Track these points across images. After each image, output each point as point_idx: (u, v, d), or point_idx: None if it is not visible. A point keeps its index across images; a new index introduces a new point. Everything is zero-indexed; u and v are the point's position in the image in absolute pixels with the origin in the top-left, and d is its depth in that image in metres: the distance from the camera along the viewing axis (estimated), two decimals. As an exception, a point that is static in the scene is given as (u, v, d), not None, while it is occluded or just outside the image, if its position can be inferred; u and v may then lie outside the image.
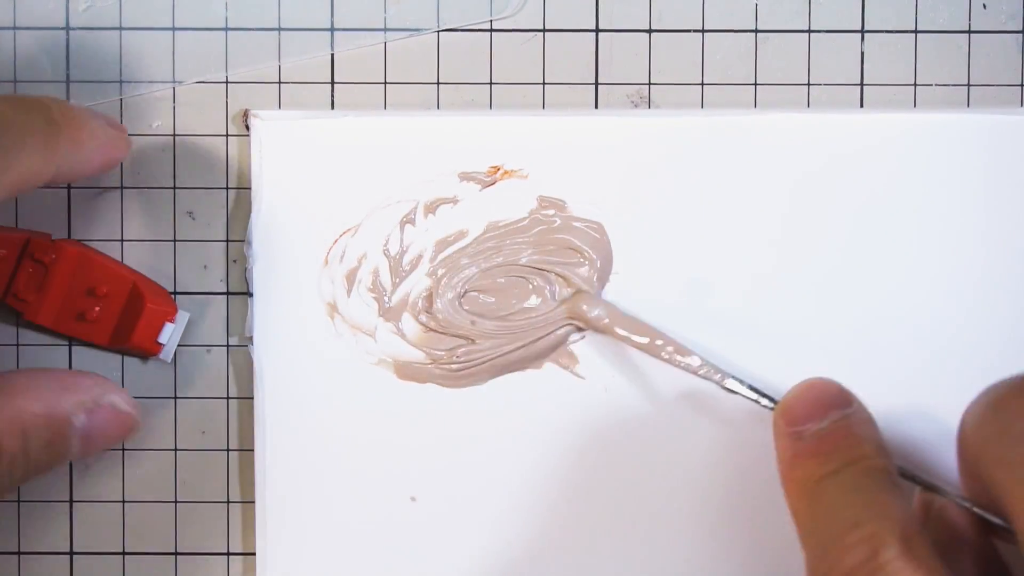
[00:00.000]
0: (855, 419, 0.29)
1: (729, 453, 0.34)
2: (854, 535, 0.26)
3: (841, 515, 0.26)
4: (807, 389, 0.30)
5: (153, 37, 0.34)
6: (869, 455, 0.28)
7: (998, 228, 0.33)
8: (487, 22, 0.34)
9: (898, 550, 0.25)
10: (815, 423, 0.29)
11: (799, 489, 0.28)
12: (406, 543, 0.34)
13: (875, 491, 0.27)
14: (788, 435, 0.29)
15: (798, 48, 0.34)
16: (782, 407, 0.30)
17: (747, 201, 0.34)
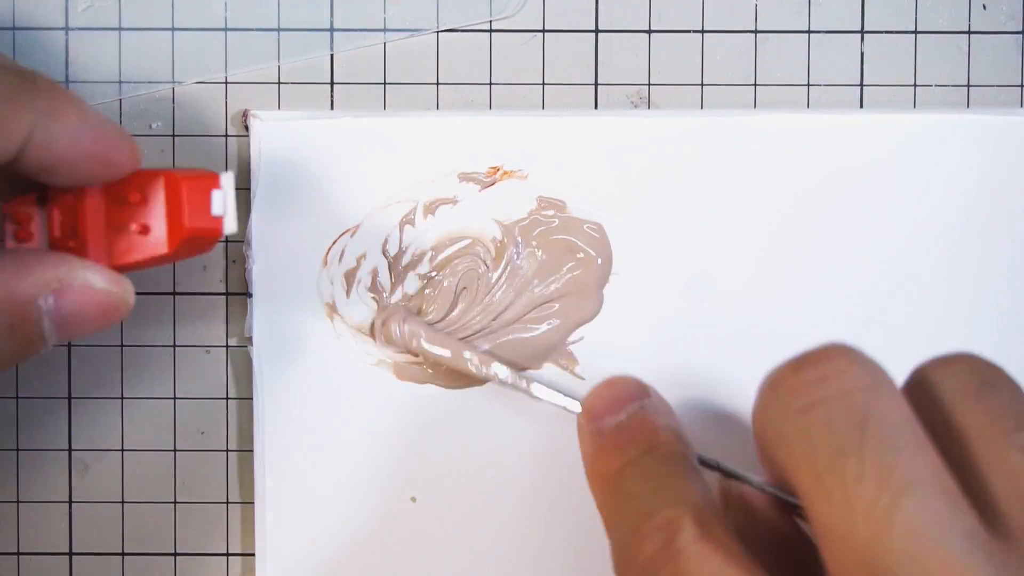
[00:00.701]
0: (651, 409, 0.29)
1: (732, 452, 0.34)
2: (650, 524, 0.25)
3: (637, 505, 0.26)
4: (605, 386, 0.30)
5: (153, 37, 0.34)
6: (665, 442, 0.28)
7: (998, 228, 0.33)
8: (487, 22, 0.34)
9: (694, 534, 0.25)
10: (613, 417, 0.29)
11: (601, 483, 0.28)
12: (406, 543, 0.34)
13: (670, 477, 0.27)
14: (589, 432, 0.29)
15: (798, 48, 0.34)
16: (583, 406, 0.30)
17: (747, 201, 0.34)
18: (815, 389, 0.24)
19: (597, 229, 0.34)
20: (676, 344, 0.34)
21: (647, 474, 0.27)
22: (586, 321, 0.34)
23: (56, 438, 0.34)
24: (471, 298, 0.34)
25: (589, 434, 0.29)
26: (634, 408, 0.29)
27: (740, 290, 0.34)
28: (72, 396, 0.34)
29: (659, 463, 0.28)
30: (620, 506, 0.27)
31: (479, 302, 0.34)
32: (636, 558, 0.25)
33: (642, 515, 0.26)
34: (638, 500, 0.26)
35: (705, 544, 0.24)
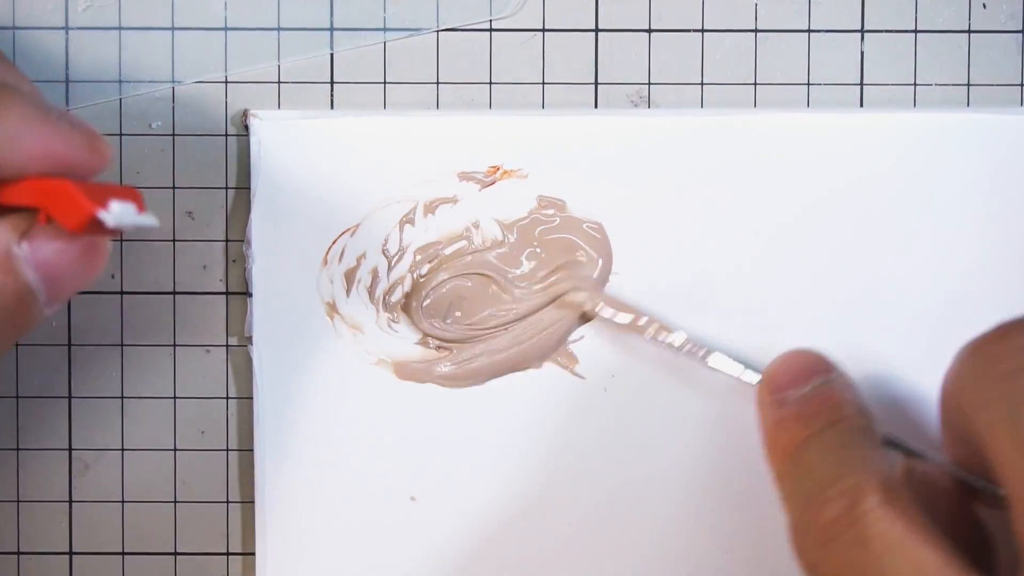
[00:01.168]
0: (836, 384, 0.29)
1: (730, 453, 0.34)
2: (834, 488, 0.26)
3: (822, 472, 0.26)
4: (789, 358, 0.30)
5: (153, 37, 0.34)
6: (850, 416, 0.28)
7: (998, 228, 0.33)
8: (487, 22, 0.34)
9: (878, 500, 0.25)
10: (797, 389, 0.29)
11: (782, 454, 0.28)
12: (406, 543, 0.34)
13: (855, 447, 0.27)
14: (771, 403, 0.29)
15: (798, 48, 0.34)
16: (765, 377, 0.30)
17: (746, 201, 0.33)
18: (1020, 356, 0.24)
19: (597, 229, 0.34)
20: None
21: (831, 446, 0.27)
22: (587, 320, 0.34)
23: (56, 438, 0.34)
24: (473, 299, 0.34)
25: (770, 405, 0.29)
26: (819, 382, 0.29)
27: (740, 290, 0.33)
28: (72, 396, 0.34)
29: (844, 436, 0.28)
30: (801, 475, 0.27)
31: (481, 304, 0.34)
32: (817, 521, 0.25)
33: (825, 482, 0.26)
34: (821, 469, 0.27)
35: (889, 510, 0.25)
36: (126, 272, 0.34)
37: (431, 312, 0.34)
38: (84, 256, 0.26)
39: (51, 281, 0.25)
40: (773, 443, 0.29)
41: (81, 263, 0.26)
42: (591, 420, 0.34)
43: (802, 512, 0.26)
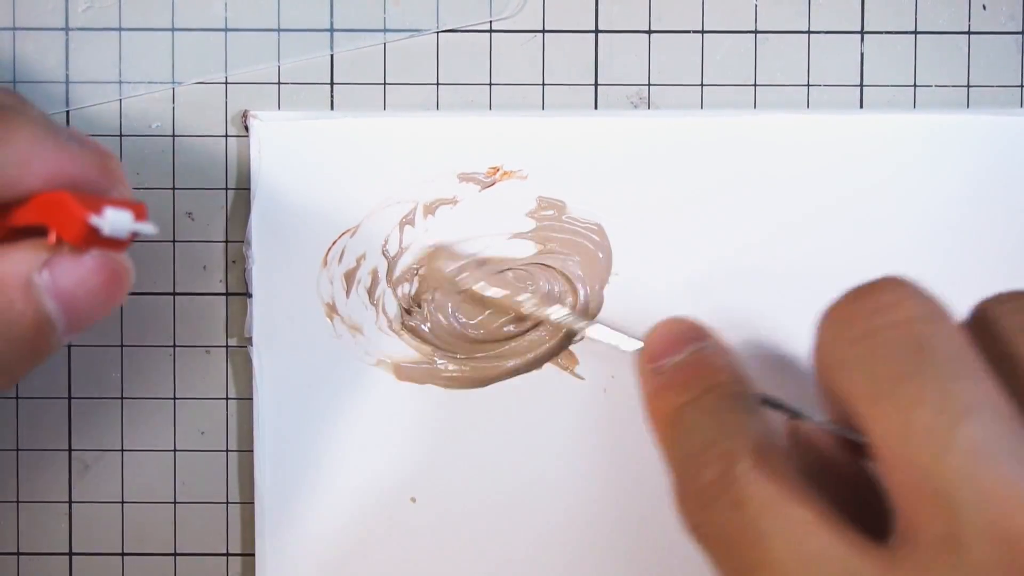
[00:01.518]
0: (711, 351, 0.30)
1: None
2: (709, 453, 0.26)
3: (698, 437, 0.27)
4: (663, 327, 0.30)
5: (153, 37, 0.34)
6: (725, 382, 0.29)
7: (998, 228, 0.33)
8: (487, 23, 0.34)
9: (751, 463, 0.25)
10: (672, 357, 0.29)
11: (661, 420, 0.29)
12: (406, 544, 0.34)
13: (729, 412, 0.27)
14: (649, 372, 0.30)
15: (798, 49, 0.34)
16: (644, 347, 0.30)
17: (747, 201, 0.34)
18: (872, 318, 0.24)
19: (597, 229, 0.34)
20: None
21: (708, 410, 0.28)
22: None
23: (56, 438, 0.34)
24: (473, 303, 0.34)
25: (649, 373, 0.30)
26: (694, 348, 0.30)
27: (740, 290, 0.34)
28: (72, 396, 0.34)
29: (720, 400, 0.28)
30: (680, 439, 0.28)
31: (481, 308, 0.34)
32: (693, 485, 0.26)
33: (702, 445, 0.26)
34: (698, 433, 0.27)
35: (761, 472, 0.25)
36: (126, 272, 0.34)
37: (433, 318, 0.34)
38: (104, 286, 0.25)
39: (71, 310, 0.25)
40: (653, 410, 0.29)
41: (101, 293, 0.25)
42: (591, 420, 0.34)
43: (680, 477, 0.27)
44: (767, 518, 0.24)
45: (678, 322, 0.31)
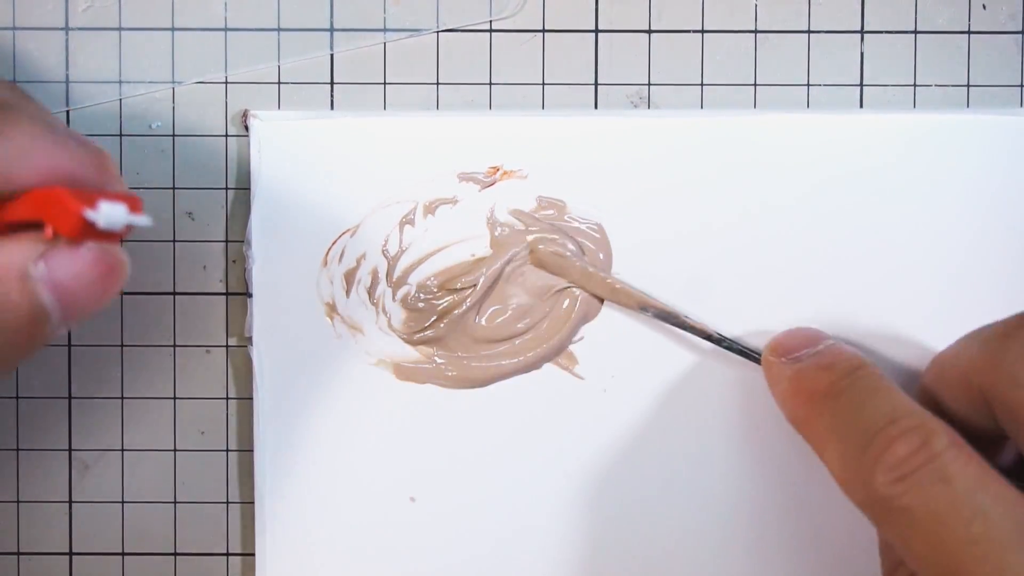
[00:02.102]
0: (844, 345, 0.31)
1: (730, 452, 0.34)
2: (896, 427, 0.26)
3: (873, 411, 0.27)
4: (792, 331, 0.32)
5: (153, 37, 0.34)
6: (869, 363, 0.29)
7: (998, 228, 0.33)
8: (487, 22, 0.34)
9: (948, 440, 0.26)
10: (810, 349, 0.31)
11: (808, 401, 0.29)
12: (405, 543, 0.34)
13: (897, 391, 0.28)
14: (783, 363, 0.31)
15: (798, 48, 0.34)
16: (772, 345, 0.32)
17: (747, 201, 0.33)
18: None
19: (597, 229, 0.34)
20: (676, 343, 0.34)
21: (870, 387, 0.28)
22: (586, 320, 0.34)
23: (56, 438, 0.34)
24: (475, 302, 0.34)
25: (783, 364, 0.31)
26: (829, 342, 0.31)
27: (740, 289, 0.33)
28: (72, 396, 0.34)
29: (876, 379, 0.29)
30: (845, 414, 0.28)
31: (482, 308, 0.34)
32: (885, 458, 0.26)
33: (884, 419, 0.27)
34: (871, 407, 0.28)
35: (960, 450, 0.26)
36: (126, 272, 0.34)
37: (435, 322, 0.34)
38: (100, 279, 0.25)
39: (66, 302, 0.25)
40: (795, 392, 0.30)
41: (97, 285, 0.25)
42: (591, 420, 0.34)
43: (858, 454, 0.27)
44: (981, 494, 0.25)
45: (805, 328, 0.32)
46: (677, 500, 0.34)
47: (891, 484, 0.26)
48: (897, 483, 0.26)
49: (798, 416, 0.30)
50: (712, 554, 0.34)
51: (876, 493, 0.26)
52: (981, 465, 0.26)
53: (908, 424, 0.26)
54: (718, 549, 0.34)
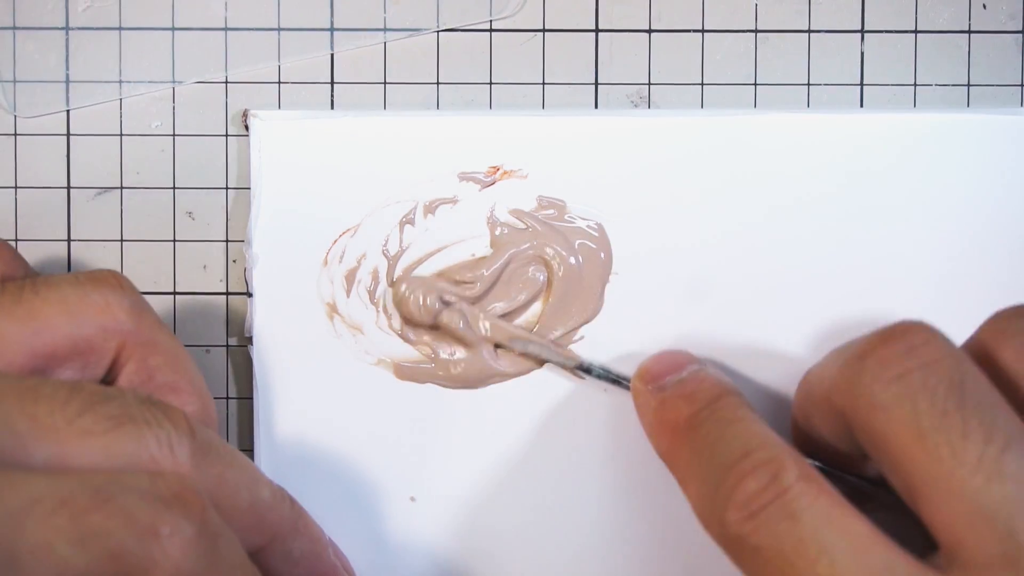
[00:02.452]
0: (711, 370, 0.31)
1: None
2: (748, 461, 0.26)
3: (726, 445, 0.27)
4: (658, 356, 0.32)
5: (153, 37, 0.34)
6: (732, 392, 0.29)
7: (998, 228, 0.33)
8: (487, 22, 0.34)
9: (797, 473, 0.25)
10: (674, 375, 0.30)
11: (671, 433, 0.29)
12: (406, 543, 0.34)
13: (752, 422, 0.28)
14: (649, 391, 0.30)
15: (798, 48, 0.34)
16: (639, 372, 0.31)
17: (747, 201, 0.34)
18: (907, 359, 0.25)
19: (597, 229, 0.34)
20: (676, 344, 0.34)
21: (725, 419, 0.28)
22: (587, 321, 0.34)
23: (56, 438, 0.34)
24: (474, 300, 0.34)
25: (650, 391, 0.30)
26: (694, 368, 0.30)
27: (740, 289, 0.33)
28: (72, 396, 0.34)
29: (735, 410, 0.28)
30: (702, 448, 0.28)
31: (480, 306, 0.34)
32: (738, 495, 0.26)
33: (735, 454, 0.26)
34: (725, 441, 0.27)
35: (810, 484, 0.25)
36: (126, 272, 0.34)
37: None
38: None
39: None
40: (659, 423, 0.30)
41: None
42: (591, 420, 0.34)
43: (712, 490, 0.26)
44: (828, 531, 0.25)
45: (671, 352, 0.32)
46: (678, 499, 0.34)
47: (742, 522, 0.25)
48: (747, 521, 0.25)
49: (662, 449, 0.30)
50: (713, 552, 0.34)
51: (729, 531, 0.26)
52: (831, 499, 0.25)
53: (759, 458, 0.26)
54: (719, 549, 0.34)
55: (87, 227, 0.34)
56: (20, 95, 0.34)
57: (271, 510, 0.28)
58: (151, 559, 0.23)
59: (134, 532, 0.23)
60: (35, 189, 0.34)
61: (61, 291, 0.28)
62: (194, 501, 0.24)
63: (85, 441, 0.24)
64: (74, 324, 0.27)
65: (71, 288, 0.28)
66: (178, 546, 0.23)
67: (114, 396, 0.26)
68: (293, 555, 0.29)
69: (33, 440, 0.24)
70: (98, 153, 0.34)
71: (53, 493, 0.23)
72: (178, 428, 0.26)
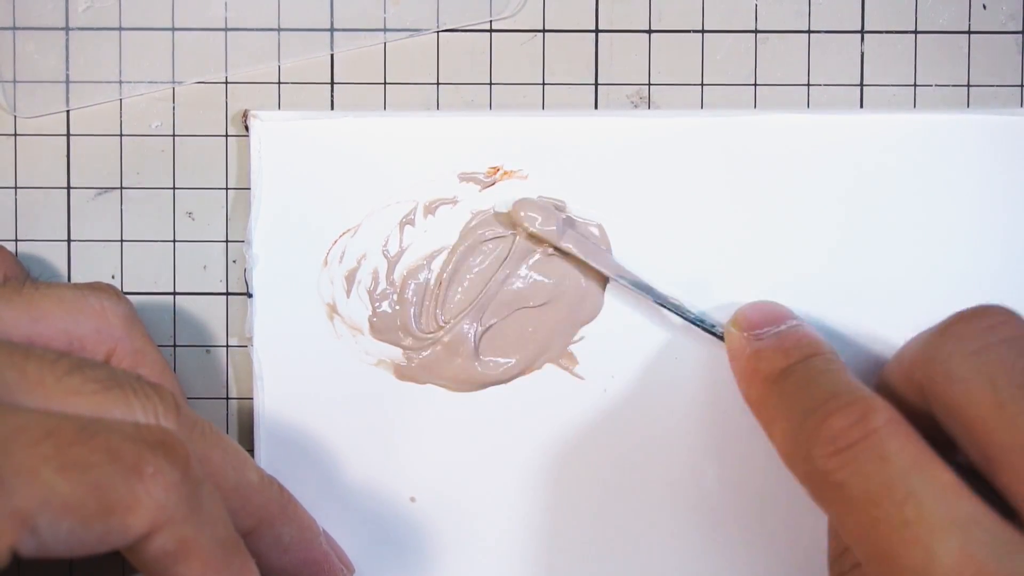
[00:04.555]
0: (808, 327, 0.31)
1: (731, 453, 0.34)
2: (836, 401, 0.26)
3: (816, 390, 0.27)
4: (758, 305, 0.32)
5: (153, 37, 0.34)
6: (828, 351, 0.30)
7: (998, 228, 0.33)
8: (487, 22, 0.34)
9: (886, 417, 0.26)
10: (772, 328, 0.31)
11: (763, 381, 0.29)
12: (406, 543, 0.34)
13: (844, 373, 0.28)
14: (746, 339, 0.31)
15: (798, 48, 0.34)
16: (736, 318, 0.32)
17: (746, 201, 0.34)
18: (986, 335, 0.26)
19: (597, 229, 0.34)
20: (676, 343, 0.34)
21: (818, 371, 0.29)
22: (586, 321, 0.34)
23: (56, 438, 0.34)
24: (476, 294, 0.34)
25: (745, 340, 0.31)
26: (793, 322, 0.31)
27: (739, 289, 0.33)
28: (72, 396, 0.34)
29: (829, 363, 0.29)
30: (794, 394, 0.28)
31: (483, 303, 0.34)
32: (824, 430, 0.26)
33: (825, 395, 0.27)
34: (816, 387, 0.28)
35: (899, 428, 0.25)
36: (126, 272, 0.34)
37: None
38: None
39: None
40: (752, 371, 0.30)
41: None
42: (591, 420, 0.34)
43: (801, 423, 0.27)
44: (916, 476, 0.25)
45: (770, 303, 0.32)
46: (678, 499, 0.34)
47: (828, 457, 0.26)
48: (833, 456, 0.26)
49: (751, 396, 0.30)
50: (714, 552, 0.34)
51: (813, 467, 0.26)
52: (919, 446, 0.25)
53: (848, 399, 0.26)
54: (720, 547, 0.34)
55: (87, 227, 0.34)
56: (20, 95, 0.34)
57: (258, 493, 0.28)
58: (134, 496, 0.23)
59: (118, 468, 0.23)
60: (35, 189, 0.34)
61: (60, 291, 0.28)
62: (178, 448, 0.25)
63: (72, 399, 0.25)
64: (70, 320, 0.28)
65: (69, 290, 0.29)
66: (161, 486, 0.24)
67: (103, 365, 0.26)
68: (283, 541, 0.29)
69: (21, 392, 0.25)
70: (98, 153, 0.34)
71: (39, 424, 0.23)
72: (164, 401, 0.26)
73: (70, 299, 0.28)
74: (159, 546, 0.24)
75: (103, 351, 0.29)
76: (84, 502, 0.23)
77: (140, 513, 0.23)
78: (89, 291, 0.29)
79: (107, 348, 0.29)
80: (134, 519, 0.23)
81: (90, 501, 0.23)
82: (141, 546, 0.24)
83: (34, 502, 0.22)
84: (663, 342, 0.34)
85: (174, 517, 0.24)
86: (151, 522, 0.23)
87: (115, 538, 0.23)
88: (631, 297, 0.33)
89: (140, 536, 0.24)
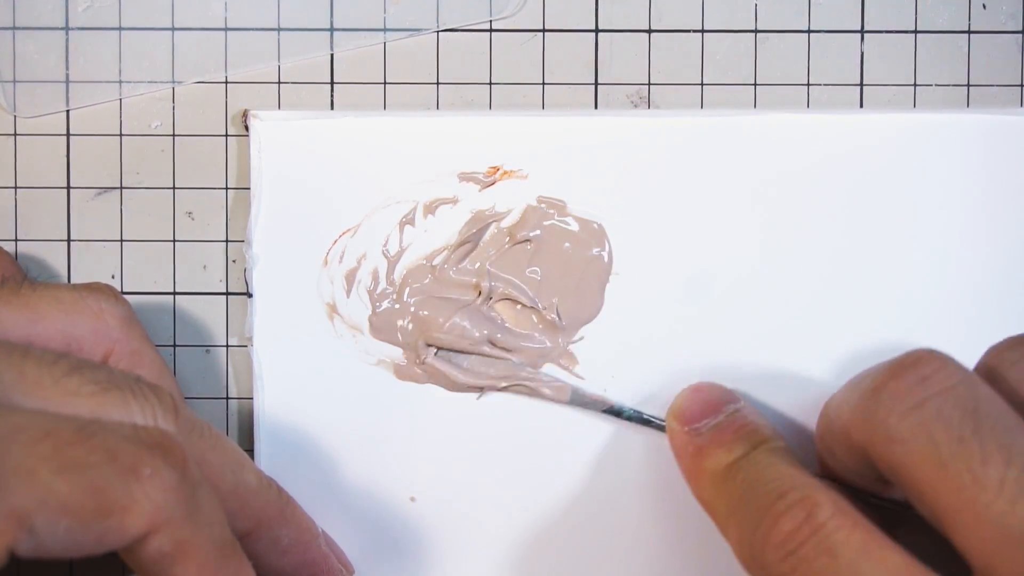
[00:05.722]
0: (747, 411, 0.31)
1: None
2: (782, 503, 0.26)
3: (763, 489, 0.27)
4: (693, 393, 0.32)
5: (153, 37, 0.34)
6: (770, 438, 0.30)
7: (998, 228, 0.33)
8: (487, 22, 0.34)
9: (832, 509, 0.26)
10: (710, 419, 0.31)
11: (710, 479, 0.29)
12: (406, 543, 0.34)
13: (789, 466, 0.28)
14: (686, 434, 0.31)
15: (798, 48, 0.34)
16: (674, 411, 0.31)
17: (747, 201, 0.34)
18: (920, 389, 0.25)
19: (597, 229, 0.34)
20: (676, 344, 0.34)
21: (762, 465, 0.28)
22: (587, 321, 0.34)
23: (56, 438, 0.34)
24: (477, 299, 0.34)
25: (686, 435, 0.31)
26: (730, 410, 0.31)
27: (740, 290, 0.33)
28: (72, 396, 0.34)
29: (771, 455, 0.29)
30: (742, 495, 0.28)
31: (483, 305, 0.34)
32: (772, 536, 0.26)
33: (772, 497, 0.27)
34: (762, 486, 0.27)
35: (845, 518, 0.26)
36: (126, 272, 0.34)
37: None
38: None
39: None
40: (697, 471, 0.30)
41: None
42: (591, 420, 0.34)
43: (750, 533, 0.27)
44: (865, 563, 0.25)
45: (707, 387, 0.32)
46: (678, 500, 0.34)
47: (781, 562, 0.26)
48: (786, 560, 0.26)
49: (702, 497, 0.30)
50: (713, 552, 0.34)
51: (770, 572, 0.26)
52: (866, 531, 0.25)
53: (793, 498, 0.26)
54: (720, 547, 0.34)
55: (87, 227, 0.34)
56: (20, 95, 0.34)
57: (256, 495, 0.28)
58: (131, 497, 0.23)
59: (116, 469, 0.23)
60: (35, 189, 0.34)
61: (58, 292, 0.29)
62: (176, 450, 0.25)
63: (70, 400, 0.25)
64: (68, 321, 0.28)
65: (67, 291, 0.29)
66: (158, 488, 0.24)
67: (102, 367, 0.26)
68: (281, 543, 0.29)
69: (19, 393, 0.25)
70: (98, 153, 0.34)
71: (38, 424, 0.23)
72: (163, 403, 0.26)
73: (68, 300, 0.28)
74: (156, 547, 0.24)
75: (101, 352, 0.29)
76: (81, 503, 0.23)
77: (137, 514, 0.23)
78: (87, 292, 0.29)
79: (105, 349, 0.29)
80: (131, 520, 0.23)
81: (87, 502, 0.23)
82: (138, 547, 0.24)
83: (32, 502, 0.22)
84: (663, 342, 0.34)
85: (171, 519, 0.24)
86: (148, 523, 0.24)
87: (112, 539, 0.23)
88: (631, 297, 0.33)
89: (137, 537, 0.24)
